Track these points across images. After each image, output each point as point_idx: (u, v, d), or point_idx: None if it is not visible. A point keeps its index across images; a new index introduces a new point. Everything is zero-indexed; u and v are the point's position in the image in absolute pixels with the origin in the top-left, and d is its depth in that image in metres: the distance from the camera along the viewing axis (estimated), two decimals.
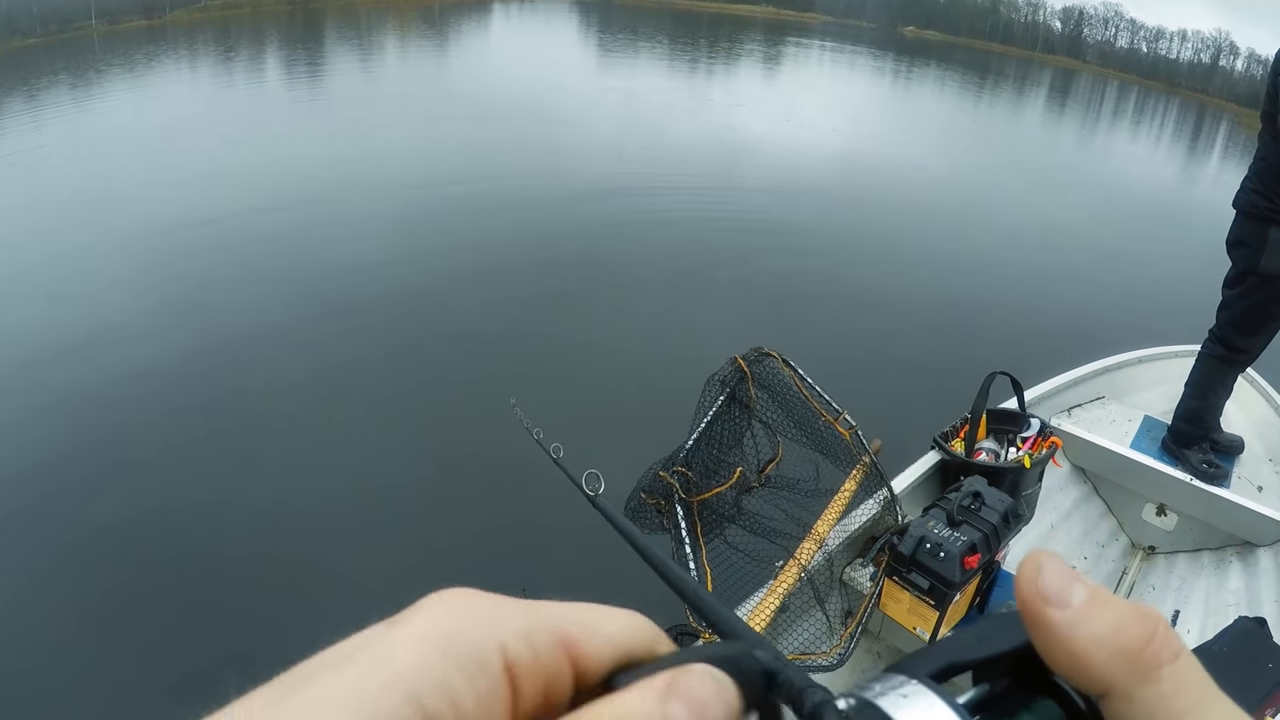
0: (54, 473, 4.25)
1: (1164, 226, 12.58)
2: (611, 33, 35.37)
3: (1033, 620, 0.26)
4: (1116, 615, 0.25)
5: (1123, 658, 0.24)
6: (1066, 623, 0.25)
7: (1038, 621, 0.25)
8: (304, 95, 17.05)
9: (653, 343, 6.11)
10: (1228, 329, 3.37)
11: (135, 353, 5.48)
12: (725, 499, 2.29)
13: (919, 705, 0.24)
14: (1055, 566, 0.26)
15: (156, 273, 6.93)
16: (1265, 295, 3.21)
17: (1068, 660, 0.25)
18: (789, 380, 2.50)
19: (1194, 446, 3.47)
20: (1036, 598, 0.25)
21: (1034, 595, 0.25)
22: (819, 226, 9.77)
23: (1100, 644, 0.24)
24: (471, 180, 10.26)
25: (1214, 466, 3.38)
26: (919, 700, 0.24)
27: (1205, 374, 3.48)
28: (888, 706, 0.24)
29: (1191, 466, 3.39)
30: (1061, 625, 0.25)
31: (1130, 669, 0.24)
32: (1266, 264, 3.11)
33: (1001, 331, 6.87)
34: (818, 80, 30.94)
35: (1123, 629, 0.25)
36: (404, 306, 6.46)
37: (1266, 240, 3.08)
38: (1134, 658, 0.24)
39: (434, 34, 31.28)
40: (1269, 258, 3.09)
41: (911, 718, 0.24)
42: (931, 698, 0.24)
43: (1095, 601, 0.25)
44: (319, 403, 5.06)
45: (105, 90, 16.67)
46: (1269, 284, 3.17)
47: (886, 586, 2.37)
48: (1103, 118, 34.66)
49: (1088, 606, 0.25)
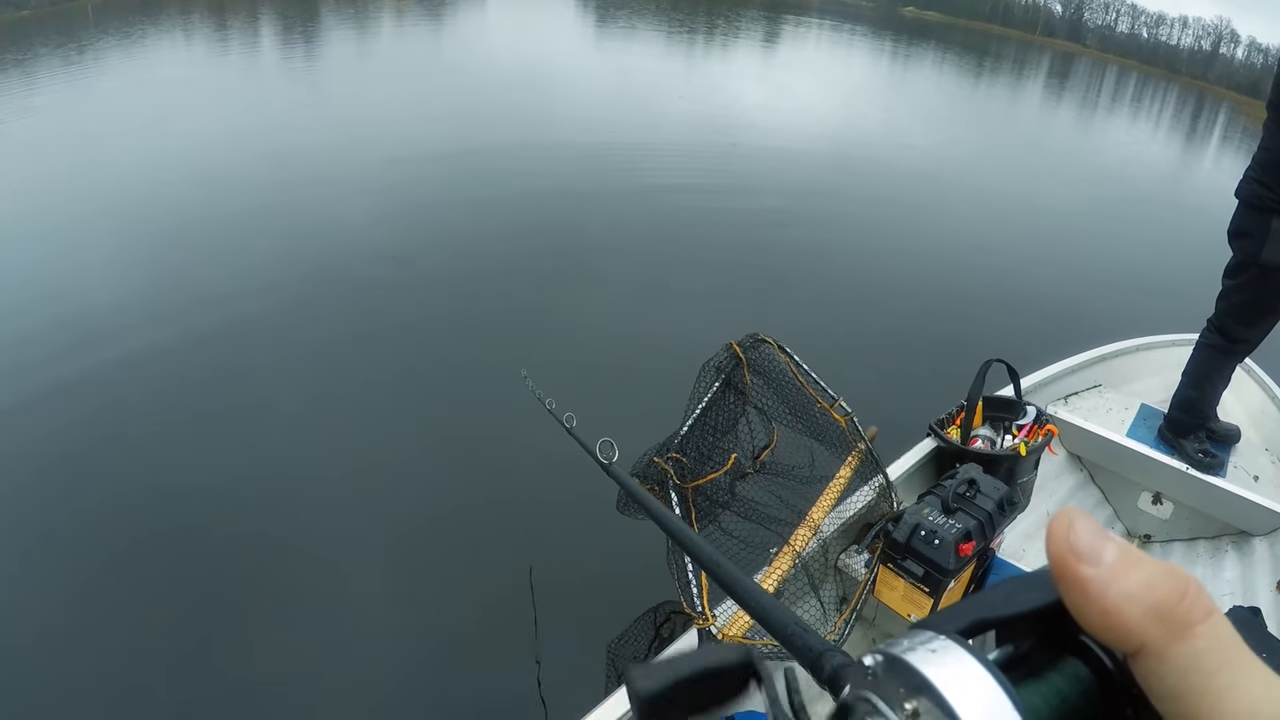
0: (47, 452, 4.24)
1: (1163, 214, 12.58)
2: (611, 13, 35.11)
3: (1064, 577, 0.25)
4: (1148, 573, 0.25)
5: (1155, 615, 0.24)
6: (1099, 579, 0.24)
7: (1070, 578, 0.25)
8: (301, 67, 16.94)
9: (656, 322, 6.10)
10: (1226, 319, 3.36)
11: (129, 323, 5.46)
12: (720, 485, 2.28)
13: (948, 661, 0.24)
14: (1086, 524, 0.26)
15: (152, 243, 6.89)
16: (1265, 287, 3.20)
17: (1100, 617, 0.25)
18: (784, 366, 2.49)
19: (1190, 436, 3.48)
20: (1069, 554, 0.25)
21: (1065, 552, 0.25)
22: (814, 213, 9.72)
23: (1133, 601, 0.24)
24: (471, 155, 10.22)
25: (1210, 456, 3.38)
26: (948, 656, 0.24)
27: (1202, 363, 3.47)
28: (917, 662, 0.24)
29: (1187, 455, 3.39)
30: (1094, 582, 0.25)
31: (1164, 626, 0.24)
32: (1268, 255, 3.09)
33: (998, 318, 6.87)
34: (815, 61, 30.82)
35: (1155, 586, 0.24)
36: (408, 281, 6.45)
37: (1269, 231, 3.06)
38: (1167, 615, 0.24)
39: (435, 10, 31.02)
40: (1270, 249, 3.07)
41: (941, 673, 0.23)
42: (961, 653, 0.24)
43: (1127, 559, 0.25)
44: (321, 379, 5.04)
45: (100, 62, 16.49)
46: (1269, 275, 3.15)
47: (881, 573, 2.37)
48: (1101, 103, 34.63)
49: (1120, 564, 0.25)
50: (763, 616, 0.65)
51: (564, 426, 1.68)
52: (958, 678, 0.23)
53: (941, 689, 0.22)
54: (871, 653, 0.25)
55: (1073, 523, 0.25)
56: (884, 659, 0.24)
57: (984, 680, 0.23)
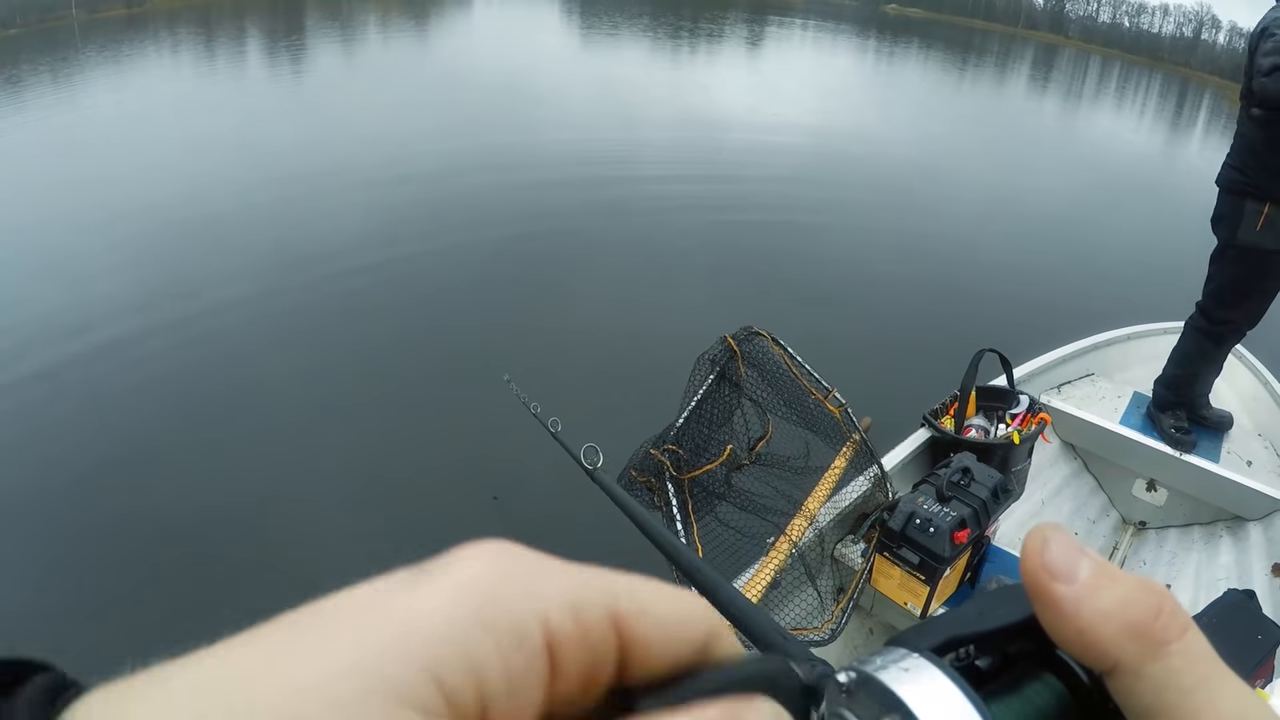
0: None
1: (1152, 202, 12.62)
2: (596, 17, 35.12)
3: (1038, 595, 0.25)
4: (1123, 590, 0.24)
5: (1130, 633, 0.24)
6: (1073, 597, 0.24)
7: (1043, 596, 0.25)
8: (287, 82, 16.89)
9: (644, 321, 6.10)
10: (1209, 300, 3.42)
11: (123, 331, 5.47)
12: (716, 476, 2.29)
13: (920, 679, 0.23)
14: (1061, 540, 0.25)
15: (142, 254, 6.89)
16: (1243, 268, 3.26)
17: (1074, 635, 0.24)
18: (778, 359, 2.50)
19: (1168, 412, 3.50)
20: (1042, 571, 0.25)
21: (1039, 569, 0.25)
22: (804, 207, 9.74)
23: (1107, 619, 0.24)
24: (454, 159, 10.21)
25: (1183, 433, 3.40)
26: (920, 674, 0.24)
27: (1187, 343, 3.53)
28: (889, 680, 0.23)
29: (1162, 430, 3.42)
30: (1068, 600, 0.24)
31: (1138, 644, 0.24)
32: (1243, 236, 3.16)
33: (991, 309, 6.88)
34: (800, 61, 30.87)
35: (1130, 604, 0.24)
36: (393, 292, 6.45)
37: (1243, 213, 3.14)
38: (1142, 633, 0.24)
39: (420, 21, 30.99)
40: (1245, 230, 3.15)
41: (913, 692, 0.23)
42: (933, 671, 0.24)
43: (1101, 576, 0.25)
44: (306, 389, 5.04)
45: (87, 79, 16.45)
46: (1246, 256, 3.21)
47: (878, 562, 2.38)
48: (1086, 93, 34.76)
49: (1094, 581, 0.24)
50: (743, 623, 0.64)
51: (549, 431, 1.68)
52: (929, 696, 0.23)
53: (913, 707, 0.23)
54: (845, 669, 0.24)
55: (1047, 539, 0.25)
56: (857, 675, 0.24)
57: (956, 698, 0.23)
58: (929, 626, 0.27)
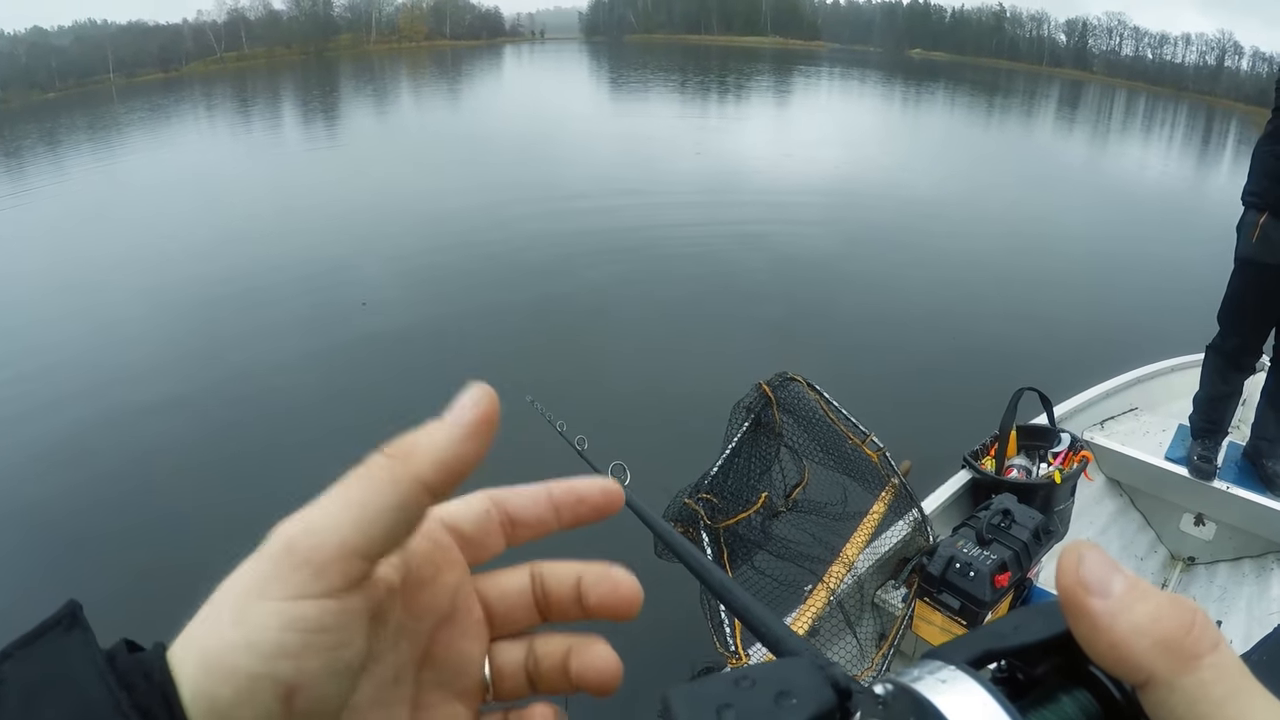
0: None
1: (1187, 231, 12.39)
2: (626, 70, 35.73)
3: (1073, 609, 0.25)
4: (1156, 604, 0.25)
5: (1163, 646, 0.24)
6: (1107, 611, 0.25)
7: (1078, 610, 0.25)
8: (322, 142, 17.34)
9: (681, 364, 6.14)
10: (1218, 317, 3.33)
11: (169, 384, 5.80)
12: (752, 524, 2.27)
13: (957, 690, 0.24)
14: (1095, 556, 0.26)
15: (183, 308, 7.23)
16: (1240, 282, 3.17)
17: (1108, 649, 0.25)
18: (814, 404, 2.49)
19: (1197, 440, 3.38)
20: (1077, 586, 0.25)
21: (1074, 584, 0.25)
22: (839, 251, 9.77)
23: (1140, 633, 0.24)
24: (486, 200, 10.47)
25: (1206, 461, 3.27)
26: (957, 685, 0.24)
27: (1205, 363, 3.42)
28: (926, 691, 0.24)
29: (1188, 459, 3.32)
30: (1102, 614, 0.25)
31: (1171, 658, 0.24)
32: (1241, 249, 3.09)
33: (1029, 347, 6.79)
34: (828, 107, 31.12)
35: (1162, 618, 0.25)
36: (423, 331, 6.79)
37: (1243, 226, 3.07)
38: (1174, 646, 0.24)
39: (452, 79, 31.71)
40: (1243, 242, 3.07)
41: (950, 703, 0.23)
42: (970, 683, 0.24)
43: (1134, 591, 0.25)
44: (328, 414, 5.31)
45: (125, 141, 17.00)
46: (1243, 270, 3.13)
47: (918, 608, 2.34)
48: (1114, 126, 34.57)
49: (1127, 596, 0.25)
50: (777, 647, 0.63)
51: (576, 449, 1.69)
52: (966, 708, 0.23)
53: (950, 718, 0.23)
54: (881, 681, 0.25)
55: (1082, 556, 0.26)
56: (894, 687, 0.25)
57: (992, 710, 0.23)
58: (965, 641, 0.27)
